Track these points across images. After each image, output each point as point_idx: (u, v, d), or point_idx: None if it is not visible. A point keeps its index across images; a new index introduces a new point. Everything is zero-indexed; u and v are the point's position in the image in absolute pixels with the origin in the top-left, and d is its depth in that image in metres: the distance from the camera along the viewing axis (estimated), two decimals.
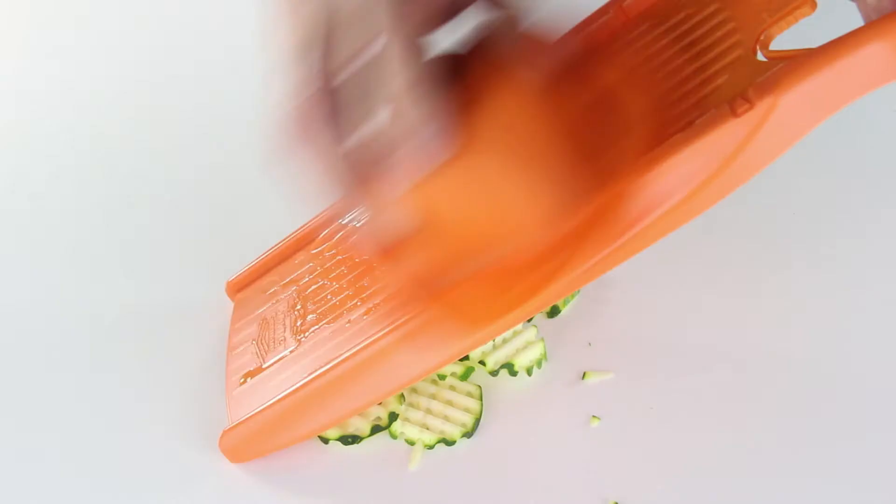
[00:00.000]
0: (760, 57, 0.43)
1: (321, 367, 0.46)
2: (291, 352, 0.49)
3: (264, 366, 0.50)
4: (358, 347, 0.45)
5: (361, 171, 0.39)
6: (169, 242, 0.62)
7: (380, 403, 0.49)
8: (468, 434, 0.48)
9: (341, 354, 0.46)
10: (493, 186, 0.40)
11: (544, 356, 0.51)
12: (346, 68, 0.39)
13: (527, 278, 0.43)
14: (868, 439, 0.46)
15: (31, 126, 0.73)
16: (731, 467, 0.45)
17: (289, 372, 0.48)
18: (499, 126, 0.40)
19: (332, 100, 0.39)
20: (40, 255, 0.62)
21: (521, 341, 0.51)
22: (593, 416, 0.48)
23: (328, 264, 0.53)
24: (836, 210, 0.57)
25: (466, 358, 0.51)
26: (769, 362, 0.50)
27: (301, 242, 0.56)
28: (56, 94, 0.75)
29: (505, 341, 0.51)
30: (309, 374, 0.46)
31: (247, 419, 0.47)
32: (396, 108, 0.38)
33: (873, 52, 0.38)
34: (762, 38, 0.44)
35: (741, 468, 0.45)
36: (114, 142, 0.72)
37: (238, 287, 0.57)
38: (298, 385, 0.46)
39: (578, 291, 0.54)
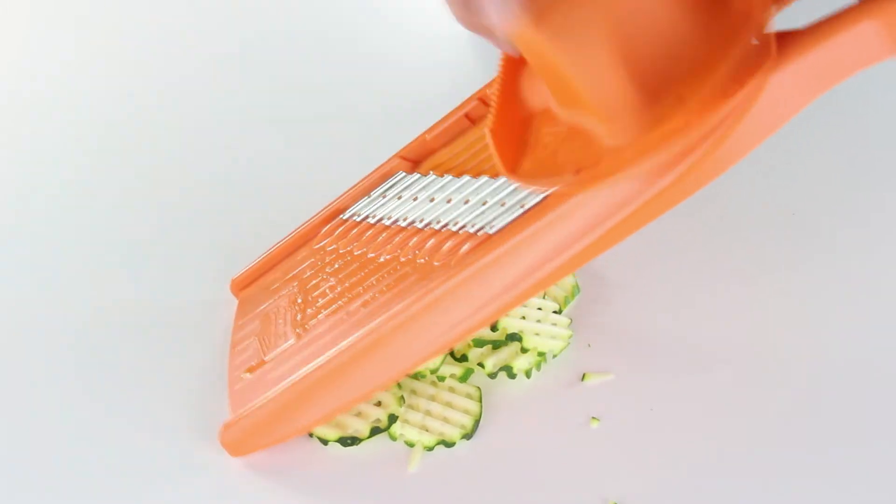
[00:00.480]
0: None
1: (319, 358, 0.46)
2: (291, 345, 0.49)
3: (265, 359, 0.50)
4: (354, 338, 0.45)
5: None
6: (175, 241, 0.63)
7: (379, 405, 0.49)
8: (468, 436, 0.48)
9: (338, 345, 0.46)
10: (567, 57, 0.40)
11: (544, 358, 0.51)
12: None
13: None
14: (870, 439, 0.46)
15: (33, 125, 0.73)
16: (731, 468, 0.45)
17: (288, 364, 0.48)
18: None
19: None
20: (51, 250, 0.62)
21: (520, 345, 0.51)
22: (593, 418, 0.48)
23: (328, 259, 0.54)
24: (837, 209, 0.57)
25: (465, 359, 0.51)
26: (770, 363, 0.49)
27: (303, 238, 0.57)
28: (59, 92, 0.75)
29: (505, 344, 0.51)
30: (307, 366, 0.46)
31: (246, 412, 0.47)
32: None
33: (864, 31, 0.38)
34: None
35: (741, 468, 0.45)
36: (120, 141, 0.72)
37: (242, 284, 0.57)
38: (297, 377, 0.46)
39: (578, 291, 0.54)
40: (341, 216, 0.55)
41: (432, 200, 0.49)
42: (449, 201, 0.49)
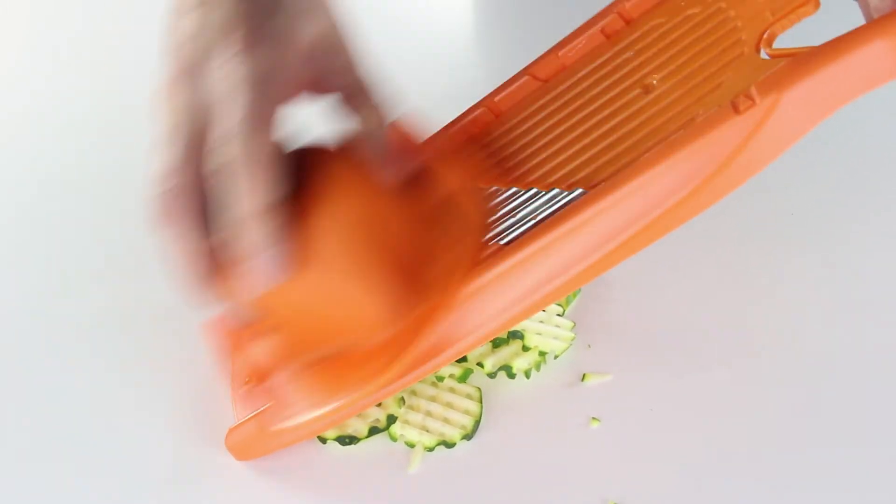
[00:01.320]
0: (763, 55, 0.43)
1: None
2: None
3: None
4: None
5: (218, 267, 0.42)
6: None
7: (379, 405, 0.49)
8: (468, 436, 0.48)
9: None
10: (330, 294, 0.43)
11: (544, 358, 0.51)
12: (210, 163, 0.41)
13: (366, 366, 0.45)
14: (870, 439, 0.46)
15: (27, 125, 0.73)
16: (731, 468, 0.45)
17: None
18: (340, 232, 0.42)
19: (197, 192, 0.41)
20: (50, 252, 0.62)
21: (521, 343, 0.51)
22: (593, 418, 0.48)
23: None
24: (835, 210, 0.58)
25: (465, 360, 0.51)
26: (769, 363, 0.50)
27: None
28: (54, 92, 0.75)
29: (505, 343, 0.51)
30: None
31: (252, 416, 0.47)
32: (241, 229, 0.40)
33: (874, 51, 0.38)
34: (765, 36, 0.44)
35: (741, 469, 0.45)
36: (120, 141, 0.72)
37: None
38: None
39: (579, 292, 0.54)
40: None
41: None
42: None
